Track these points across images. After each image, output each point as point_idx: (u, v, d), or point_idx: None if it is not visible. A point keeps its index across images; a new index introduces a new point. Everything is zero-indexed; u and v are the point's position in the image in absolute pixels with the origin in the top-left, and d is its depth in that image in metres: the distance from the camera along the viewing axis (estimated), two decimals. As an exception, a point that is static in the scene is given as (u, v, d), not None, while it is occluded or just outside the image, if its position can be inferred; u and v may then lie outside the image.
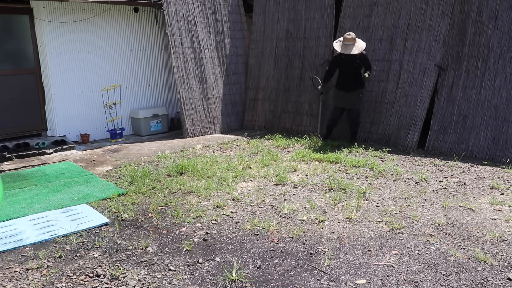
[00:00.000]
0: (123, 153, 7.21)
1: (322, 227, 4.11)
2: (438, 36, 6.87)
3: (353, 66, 7.12)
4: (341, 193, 4.97)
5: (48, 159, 6.85)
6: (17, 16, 7.35)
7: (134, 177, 5.63)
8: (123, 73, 8.54)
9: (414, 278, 3.20)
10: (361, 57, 7.11)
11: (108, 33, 8.22)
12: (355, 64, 7.11)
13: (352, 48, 6.90)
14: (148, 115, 8.60)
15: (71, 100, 7.91)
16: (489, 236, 3.85)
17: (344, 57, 7.04)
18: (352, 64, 7.12)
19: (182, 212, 4.51)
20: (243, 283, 3.19)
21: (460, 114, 6.71)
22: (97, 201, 4.93)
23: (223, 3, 9.09)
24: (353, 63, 7.10)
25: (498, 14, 6.38)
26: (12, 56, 7.41)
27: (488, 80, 6.48)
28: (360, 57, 7.08)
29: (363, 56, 7.12)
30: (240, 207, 4.66)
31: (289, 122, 8.60)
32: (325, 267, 3.38)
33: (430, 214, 4.38)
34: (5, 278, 3.36)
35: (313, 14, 8.31)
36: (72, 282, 3.26)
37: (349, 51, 6.87)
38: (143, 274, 3.36)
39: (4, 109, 7.34)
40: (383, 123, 7.44)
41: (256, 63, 9.10)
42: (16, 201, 4.99)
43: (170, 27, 8.25)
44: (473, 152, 6.51)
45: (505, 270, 3.29)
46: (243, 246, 3.77)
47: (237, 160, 6.41)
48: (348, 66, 7.15)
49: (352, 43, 6.92)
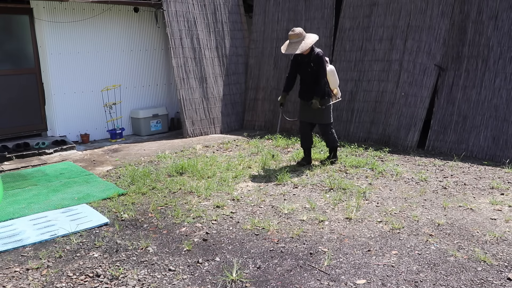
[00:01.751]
0: (123, 153, 7.21)
1: (322, 227, 4.11)
2: (438, 36, 6.87)
3: (308, 70, 5.78)
4: (341, 193, 4.97)
5: (48, 159, 6.85)
6: (17, 16, 7.35)
7: (134, 177, 5.63)
8: (123, 73, 8.54)
9: (414, 278, 3.20)
10: (315, 59, 5.72)
11: (108, 33, 8.22)
12: (309, 68, 5.76)
13: (297, 47, 5.58)
14: (148, 115, 8.60)
15: (71, 100, 7.91)
16: (489, 236, 3.85)
17: (300, 59, 5.83)
18: (306, 68, 5.80)
19: (182, 212, 4.51)
20: (243, 283, 3.19)
21: (460, 114, 6.71)
22: (97, 201, 4.93)
23: (223, 3, 9.09)
24: (308, 67, 5.77)
25: (498, 14, 6.38)
26: (12, 56, 7.42)
27: (488, 80, 6.48)
28: (314, 59, 5.72)
29: (317, 57, 5.70)
30: (240, 207, 4.66)
31: (289, 122, 8.58)
32: (325, 267, 3.38)
33: (430, 214, 4.38)
34: (5, 278, 3.36)
35: (313, 14, 8.31)
36: (72, 282, 3.26)
37: (292, 51, 5.61)
38: (143, 274, 3.36)
39: (4, 109, 7.34)
40: (383, 123, 7.44)
41: (256, 63, 9.10)
42: (16, 201, 4.99)
43: (170, 27, 8.25)
44: (473, 152, 6.51)
45: (505, 270, 3.29)
46: (243, 246, 3.77)
47: (237, 160, 6.41)
48: (305, 70, 5.84)
49: (297, 41, 5.60)
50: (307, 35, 5.68)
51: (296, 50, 5.54)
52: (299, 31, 5.61)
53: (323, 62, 5.73)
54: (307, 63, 5.75)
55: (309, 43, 5.60)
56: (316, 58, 5.70)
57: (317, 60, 5.69)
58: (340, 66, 7.92)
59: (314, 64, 5.70)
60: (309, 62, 5.73)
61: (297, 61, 5.88)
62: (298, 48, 5.54)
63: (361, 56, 7.73)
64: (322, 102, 5.80)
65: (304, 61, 5.77)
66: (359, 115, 7.70)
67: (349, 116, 7.80)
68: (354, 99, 7.75)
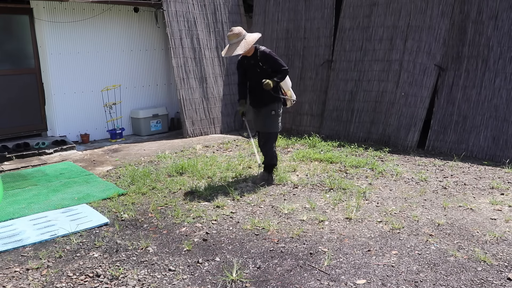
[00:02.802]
0: (123, 153, 7.21)
1: (322, 227, 4.11)
2: (438, 36, 6.87)
3: (257, 71, 5.20)
4: (341, 193, 4.97)
5: (48, 159, 6.85)
6: (17, 16, 7.35)
7: (134, 177, 5.63)
8: (123, 73, 8.54)
9: (414, 278, 3.20)
10: (264, 58, 5.14)
11: (108, 33, 8.22)
12: (258, 69, 5.20)
13: (237, 47, 5.04)
14: (148, 115, 8.60)
15: (71, 100, 7.91)
16: (489, 236, 3.85)
17: (246, 63, 5.26)
18: (255, 70, 5.22)
19: (182, 212, 4.51)
20: (243, 283, 3.19)
21: (460, 114, 6.71)
22: (97, 201, 4.93)
23: (223, 3, 9.09)
24: (256, 68, 5.21)
25: (498, 14, 6.38)
26: (12, 56, 7.42)
27: (488, 80, 6.48)
28: (261, 57, 5.15)
29: (264, 54, 5.15)
30: (240, 207, 4.66)
31: (289, 122, 8.59)
32: (325, 267, 3.38)
33: (430, 214, 4.38)
34: (5, 278, 3.36)
35: (313, 14, 8.31)
36: (72, 282, 3.26)
37: (231, 52, 5.09)
38: (143, 274, 3.36)
39: (4, 109, 7.34)
40: (383, 123, 7.44)
41: (256, 63, 9.09)
42: (16, 201, 4.99)
43: (170, 27, 8.25)
44: (473, 152, 6.51)
45: (505, 270, 3.29)
46: (243, 246, 3.77)
47: (237, 160, 6.41)
48: (253, 73, 5.25)
49: (237, 41, 5.06)
50: (248, 34, 5.16)
51: (237, 50, 5.01)
52: (238, 31, 5.09)
53: (274, 56, 5.19)
54: (254, 65, 5.20)
55: (251, 41, 5.06)
56: (264, 55, 5.15)
57: (265, 56, 5.14)
58: (340, 66, 7.92)
59: (263, 62, 5.14)
60: (257, 63, 5.17)
61: (243, 65, 5.31)
62: (239, 48, 5.01)
63: (361, 56, 7.73)
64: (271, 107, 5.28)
65: (251, 63, 5.22)
66: (359, 115, 7.70)
67: (349, 116, 7.80)
68: (354, 99, 7.75)
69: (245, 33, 5.12)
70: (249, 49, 5.06)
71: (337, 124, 7.91)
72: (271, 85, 5.08)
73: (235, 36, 5.07)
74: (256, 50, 5.20)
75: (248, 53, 5.16)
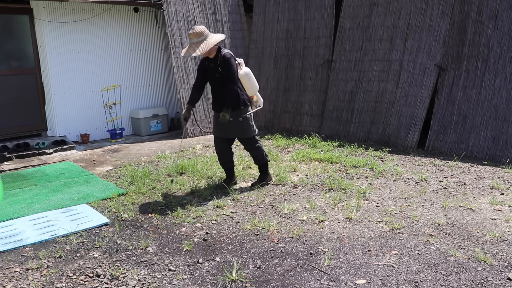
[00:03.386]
0: (123, 153, 7.21)
1: (322, 227, 4.11)
2: (438, 36, 6.87)
3: (216, 76, 4.93)
4: (341, 193, 4.97)
5: (48, 159, 6.85)
6: (17, 16, 7.35)
7: (134, 177, 5.63)
8: (123, 73, 8.54)
9: (414, 278, 3.20)
10: (221, 62, 4.82)
11: (108, 33, 8.22)
12: (217, 73, 4.90)
13: (197, 48, 4.72)
14: (148, 115, 8.60)
15: (71, 100, 7.91)
16: (489, 236, 3.85)
17: (207, 64, 4.98)
18: (214, 74, 4.94)
19: (182, 212, 4.51)
20: (243, 283, 3.19)
21: (460, 114, 6.71)
22: (97, 201, 4.93)
23: (223, 3, 9.10)
24: (215, 72, 4.91)
25: (498, 14, 6.38)
26: (12, 56, 7.42)
27: (488, 80, 6.48)
28: (221, 61, 4.82)
29: (223, 59, 4.80)
30: (240, 207, 4.66)
31: (289, 122, 8.60)
32: (325, 267, 3.38)
33: (430, 214, 4.38)
34: (5, 278, 3.36)
35: (313, 14, 8.31)
36: (72, 282, 3.26)
37: (190, 52, 4.77)
38: (143, 274, 3.36)
39: (4, 109, 7.35)
40: (383, 123, 7.44)
41: (256, 63, 9.10)
42: (16, 201, 4.99)
43: (170, 27, 8.25)
44: (473, 152, 6.51)
45: (505, 270, 3.29)
46: (243, 246, 3.77)
47: (237, 160, 6.40)
48: (212, 76, 4.98)
49: (198, 41, 4.74)
50: (211, 34, 4.82)
51: (195, 51, 4.68)
52: (199, 30, 4.74)
53: (231, 65, 4.80)
54: (214, 68, 4.89)
55: (212, 43, 4.71)
56: (223, 60, 4.79)
57: (224, 63, 4.79)
58: (340, 66, 7.92)
59: (222, 68, 4.82)
60: (216, 67, 4.86)
61: (204, 66, 5.02)
62: (197, 50, 4.68)
63: (361, 56, 7.73)
64: (237, 113, 4.95)
65: (211, 66, 4.91)
66: (359, 115, 7.70)
67: (349, 116, 7.80)
68: (354, 99, 7.75)
69: (207, 34, 4.79)
70: (208, 51, 4.73)
71: (337, 124, 7.91)
72: (226, 118, 4.80)
73: (195, 36, 4.74)
74: (219, 52, 4.86)
75: (210, 55, 4.86)
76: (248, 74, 5.11)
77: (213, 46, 4.77)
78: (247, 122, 5.06)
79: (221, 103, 4.94)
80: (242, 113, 5.00)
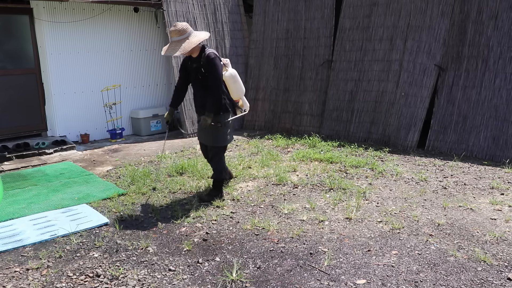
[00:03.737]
0: (123, 153, 7.21)
1: (322, 227, 4.11)
2: (438, 36, 6.87)
3: (199, 78, 4.58)
4: (341, 193, 4.97)
5: (48, 159, 6.85)
6: (17, 16, 7.35)
7: (134, 177, 5.63)
8: (123, 73, 8.54)
9: (414, 278, 3.20)
10: (205, 63, 4.47)
11: (108, 33, 8.22)
12: (199, 75, 4.56)
13: (178, 47, 4.40)
14: (148, 115, 8.60)
15: (71, 100, 7.91)
16: (489, 236, 3.85)
17: (189, 64, 4.65)
18: (197, 75, 4.60)
19: (182, 212, 4.51)
20: (243, 283, 3.19)
21: (460, 114, 6.71)
22: (97, 201, 4.93)
23: (223, 3, 9.09)
24: (197, 73, 4.57)
25: (498, 14, 6.38)
26: (12, 56, 7.42)
27: (488, 80, 6.48)
28: (204, 62, 4.48)
29: (207, 60, 4.45)
30: (240, 207, 4.66)
31: (289, 122, 8.60)
32: (325, 267, 3.38)
33: (430, 214, 4.38)
34: (5, 278, 3.36)
35: (313, 14, 8.32)
36: (72, 282, 3.26)
37: (171, 52, 4.45)
38: (143, 274, 3.36)
39: (4, 109, 7.34)
40: (383, 123, 7.44)
41: (256, 63, 9.10)
42: (16, 201, 4.99)
43: (170, 27, 8.25)
44: (473, 152, 6.51)
45: (505, 270, 3.29)
46: (243, 246, 3.77)
47: (237, 160, 6.41)
48: (195, 78, 4.64)
49: (179, 39, 4.41)
50: (194, 32, 4.48)
51: (176, 51, 4.34)
52: (181, 27, 4.39)
53: (215, 65, 4.45)
54: (196, 68, 4.55)
55: (194, 42, 4.38)
56: (207, 61, 4.44)
57: (208, 63, 4.44)
58: (340, 66, 7.93)
59: (205, 69, 4.47)
60: (200, 67, 4.52)
61: (187, 66, 4.70)
62: (179, 49, 4.33)
63: (361, 56, 7.73)
64: (216, 119, 4.59)
65: (193, 67, 4.59)
66: (359, 115, 7.70)
67: (349, 116, 7.80)
68: (354, 99, 7.76)
69: (190, 31, 4.44)
70: (190, 50, 4.41)
71: (337, 124, 7.91)
72: (208, 121, 4.49)
73: (177, 33, 4.40)
74: (202, 52, 4.52)
75: (193, 54, 4.55)
76: (234, 76, 4.77)
77: (196, 46, 4.45)
78: (222, 129, 4.70)
79: (204, 106, 4.59)
80: (220, 119, 4.65)
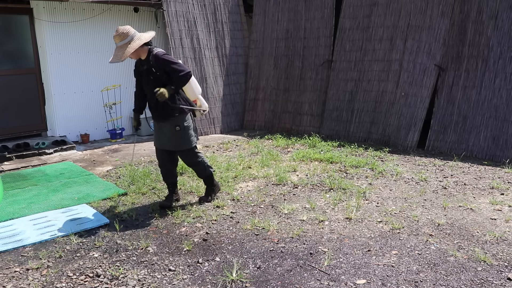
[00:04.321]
0: (123, 153, 7.21)
1: (322, 227, 4.11)
2: (438, 36, 6.87)
3: (150, 79, 4.38)
4: (341, 193, 4.97)
5: (48, 159, 6.85)
6: (17, 16, 7.35)
7: (134, 177, 5.63)
8: (123, 73, 8.54)
9: (414, 278, 3.20)
10: (156, 63, 4.29)
11: (108, 33, 8.22)
12: (151, 76, 4.36)
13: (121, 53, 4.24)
14: (148, 115, 8.57)
15: (71, 100, 7.91)
16: (489, 236, 3.85)
17: (140, 68, 4.48)
18: (148, 77, 4.41)
19: (182, 212, 4.51)
20: (243, 283, 3.19)
21: (460, 114, 6.71)
22: (97, 201, 4.93)
23: (223, 3, 9.09)
24: (149, 75, 4.38)
25: (498, 14, 6.38)
26: (12, 56, 7.42)
27: (488, 80, 6.48)
28: (154, 62, 4.30)
29: (158, 59, 4.28)
30: (240, 207, 4.66)
31: (289, 122, 8.60)
32: (325, 267, 3.38)
33: (430, 214, 4.38)
34: (5, 278, 3.36)
35: (313, 14, 8.32)
36: (72, 282, 3.26)
37: (116, 59, 4.31)
38: (143, 274, 3.36)
39: (4, 109, 7.34)
40: (383, 123, 7.44)
41: (256, 63, 9.10)
42: (16, 201, 4.99)
43: (170, 27, 8.25)
44: (473, 152, 6.51)
45: (505, 270, 3.29)
46: (243, 246, 3.77)
47: (237, 160, 6.41)
48: (147, 81, 4.45)
49: (123, 44, 4.24)
50: (138, 34, 4.28)
51: (121, 57, 4.19)
52: (122, 31, 4.20)
53: (168, 59, 4.28)
54: (147, 70, 4.36)
55: (136, 45, 4.20)
56: (156, 59, 4.26)
57: (158, 61, 4.26)
58: (340, 66, 7.93)
59: (157, 68, 4.27)
60: (150, 68, 4.33)
61: (138, 70, 4.52)
62: (123, 54, 4.18)
63: (361, 56, 7.73)
64: (172, 121, 4.40)
65: (144, 69, 4.40)
66: (359, 115, 7.70)
67: (349, 116, 7.80)
68: (354, 99, 7.76)
69: (133, 34, 4.25)
70: (135, 54, 4.30)
71: (337, 124, 7.91)
72: (165, 95, 4.21)
73: (119, 38, 4.22)
74: (150, 53, 4.34)
75: (142, 56, 4.38)
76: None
77: (141, 48, 4.28)
78: (184, 131, 4.47)
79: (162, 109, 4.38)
80: (178, 121, 4.42)
